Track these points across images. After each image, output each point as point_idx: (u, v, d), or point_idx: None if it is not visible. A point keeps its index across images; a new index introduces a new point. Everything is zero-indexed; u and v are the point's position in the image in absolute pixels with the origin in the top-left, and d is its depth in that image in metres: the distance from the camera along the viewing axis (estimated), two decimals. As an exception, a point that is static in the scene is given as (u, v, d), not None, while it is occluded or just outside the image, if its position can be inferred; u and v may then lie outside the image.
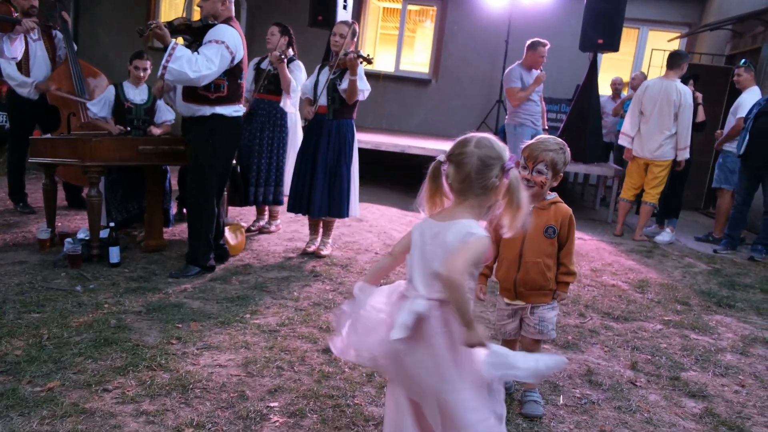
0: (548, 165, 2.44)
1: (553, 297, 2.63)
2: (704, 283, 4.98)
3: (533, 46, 6.32)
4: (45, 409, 2.30)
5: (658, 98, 6.16)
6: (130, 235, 4.86)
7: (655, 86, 6.24)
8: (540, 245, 2.53)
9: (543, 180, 2.45)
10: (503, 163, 1.82)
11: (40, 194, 4.75)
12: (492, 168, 1.81)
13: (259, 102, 5.24)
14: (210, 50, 3.75)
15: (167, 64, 3.61)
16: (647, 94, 6.26)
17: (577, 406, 2.74)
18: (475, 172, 1.80)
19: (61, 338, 2.92)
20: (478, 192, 1.82)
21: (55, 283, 3.67)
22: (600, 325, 3.80)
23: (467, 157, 1.81)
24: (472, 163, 1.80)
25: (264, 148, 5.22)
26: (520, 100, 6.36)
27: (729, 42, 9.29)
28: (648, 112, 6.21)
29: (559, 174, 2.48)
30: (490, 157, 1.81)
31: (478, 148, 1.82)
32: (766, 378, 3.23)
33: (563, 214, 2.52)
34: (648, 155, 6.26)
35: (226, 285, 3.92)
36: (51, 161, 4.38)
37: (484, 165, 1.80)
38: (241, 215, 5.80)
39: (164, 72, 3.63)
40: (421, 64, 10.87)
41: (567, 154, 2.50)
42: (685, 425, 2.65)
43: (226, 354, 2.92)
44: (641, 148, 6.32)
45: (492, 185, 1.82)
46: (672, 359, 3.35)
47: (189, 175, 4.01)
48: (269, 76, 5.17)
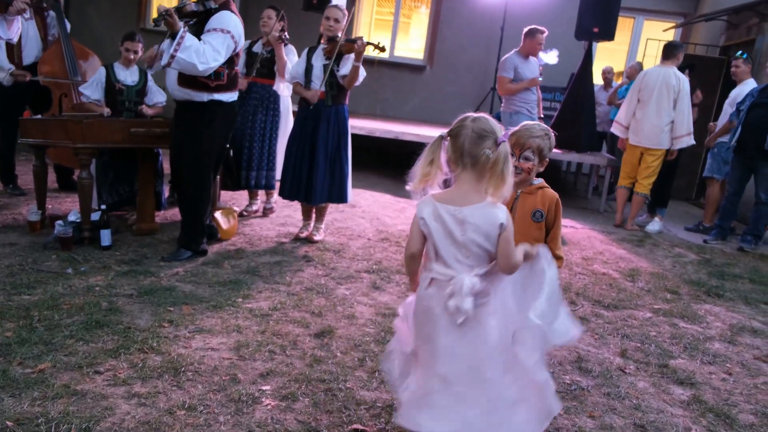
0: (534, 151, 2.48)
1: None
2: (694, 273, 5.02)
3: (531, 33, 6.25)
4: (36, 391, 2.30)
5: (656, 85, 6.18)
6: (122, 218, 4.84)
7: (654, 73, 6.27)
8: (528, 229, 2.52)
9: (530, 166, 2.49)
10: (496, 137, 1.93)
11: (30, 176, 4.72)
12: (484, 140, 1.93)
13: (253, 85, 5.20)
14: (216, 40, 3.72)
15: (176, 53, 3.57)
16: (645, 80, 6.27)
17: (566, 392, 2.77)
18: (468, 142, 1.94)
19: (52, 320, 2.91)
20: (469, 162, 1.94)
21: (45, 266, 3.65)
22: (591, 312, 3.82)
23: (463, 129, 1.97)
24: (466, 134, 1.95)
25: (257, 131, 5.20)
26: (508, 92, 6.30)
27: (724, 33, 9.29)
28: (646, 99, 6.23)
29: (545, 159, 2.51)
30: (484, 130, 1.94)
31: (473, 122, 1.97)
32: (753, 366, 3.27)
33: (550, 199, 2.54)
34: (645, 143, 6.28)
35: (218, 269, 3.92)
36: (42, 143, 4.34)
37: (478, 136, 1.93)
38: (234, 199, 5.78)
39: (171, 61, 3.59)
40: (416, 51, 10.81)
41: (552, 140, 2.53)
42: (672, 412, 2.68)
43: (218, 337, 2.92)
44: (637, 135, 6.33)
45: (484, 157, 1.92)
46: (661, 347, 3.39)
47: (184, 160, 3.96)
48: (262, 60, 5.13)
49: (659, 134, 6.22)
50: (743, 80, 6.50)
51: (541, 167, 2.53)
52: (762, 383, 3.07)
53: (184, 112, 3.95)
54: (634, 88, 6.40)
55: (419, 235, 2.02)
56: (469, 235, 1.93)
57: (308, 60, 4.58)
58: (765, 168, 5.84)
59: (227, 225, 4.60)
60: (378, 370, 2.75)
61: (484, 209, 1.93)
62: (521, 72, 6.24)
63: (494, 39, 9.84)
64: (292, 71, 4.69)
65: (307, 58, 4.60)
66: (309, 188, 4.58)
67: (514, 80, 6.24)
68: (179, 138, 3.99)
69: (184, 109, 3.95)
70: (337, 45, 4.42)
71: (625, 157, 6.58)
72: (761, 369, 3.25)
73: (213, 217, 4.49)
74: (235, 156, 5.17)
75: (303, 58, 4.64)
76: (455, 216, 1.94)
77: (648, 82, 6.25)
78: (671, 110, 6.16)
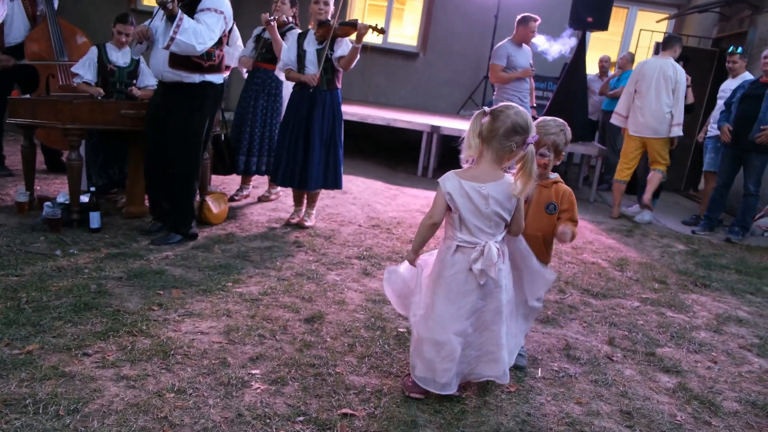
0: (550, 148, 2.60)
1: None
2: (682, 263, 5.06)
3: (524, 20, 6.23)
4: (24, 372, 2.28)
5: (654, 75, 6.18)
6: (111, 200, 4.80)
7: (651, 64, 6.28)
8: (540, 220, 2.65)
9: (546, 162, 2.62)
10: (527, 136, 2.25)
11: (18, 156, 4.66)
12: (517, 134, 2.24)
13: (257, 71, 5.17)
14: (211, 20, 3.72)
15: (175, 36, 3.57)
16: (642, 71, 6.27)
17: (554, 379, 2.79)
18: (504, 130, 2.24)
19: (40, 302, 2.89)
20: (496, 146, 2.27)
21: (34, 247, 3.62)
22: (579, 301, 3.85)
23: (505, 117, 2.25)
24: (506, 122, 2.24)
25: (258, 117, 5.16)
26: (500, 80, 6.29)
27: (716, 25, 9.31)
28: (644, 90, 6.22)
29: (561, 154, 2.64)
30: (520, 126, 2.24)
31: (516, 115, 2.25)
32: (738, 355, 3.31)
33: (563, 192, 2.67)
34: (647, 133, 6.27)
35: (209, 253, 3.90)
36: (30, 123, 4.28)
37: (513, 129, 2.24)
38: (224, 184, 5.75)
39: (171, 43, 3.60)
40: (409, 37, 10.75)
41: (567, 134, 2.64)
42: (658, 399, 2.71)
43: (207, 321, 2.92)
44: (637, 126, 6.32)
45: (509, 149, 2.26)
46: (648, 335, 3.42)
47: (173, 143, 3.91)
48: (266, 44, 5.08)
49: (659, 124, 6.21)
50: (739, 75, 6.50)
51: (557, 161, 2.65)
52: (746, 371, 3.11)
53: (171, 94, 3.90)
54: (632, 79, 6.40)
55: (443, 207, 2.33)
56: (492, 207, 2.29)
57: (299, 46, 4.53)
58: (754, 160, 5.87)
59: (218, 209, 4.58)
60: (368, 356, 2.76)
61: (503, 185, 2.29)
62: (514, 60, 6.22)
63: (488, 27, 9.81)
64: (284, 58, 4.60)
65: (298, 44, 4.54)
66: (304, 174, 4.55)
67: (507, 69, 6.23)
68: (166, 120, 3.92)
69: (172, 90, 3.89)
70: (330, 29, 4.38)
71: (625, 148, 6.53)
72: (746, 358, 3.29)
73: (203, 202, 4.47)
74: (236, 141, 5.13)
75: (293, 44, 4.57)
76: (479, 191, 2.28)
77: (645, 73, 6.25)
78: (670, 100, 6.18)
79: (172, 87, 3.89)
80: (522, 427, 2.34)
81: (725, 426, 2.55)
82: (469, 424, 2.31)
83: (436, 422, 2.30)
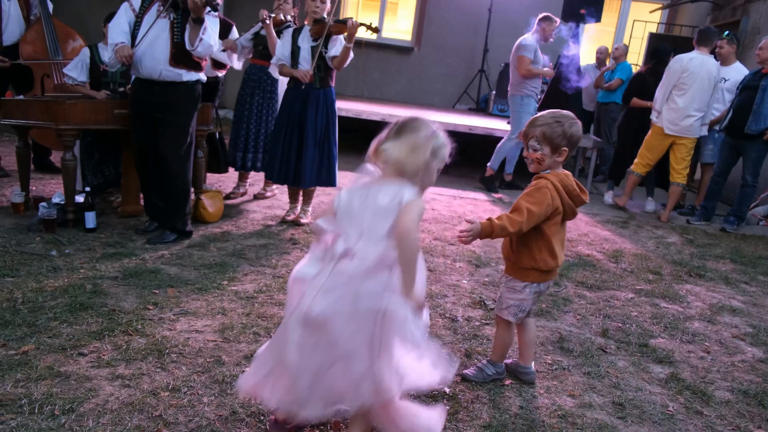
0: (540, 140, 2.39)
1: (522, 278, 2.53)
2: (676, 254, 5.08)
3: (549, 19, 6.46)
4: (19, 372, 2.30)
5: (699, 73, 5.96)
6: (107, 200, 4.81)
7: (697, 61, 5.99)
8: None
9: (538, 156, 2.41)
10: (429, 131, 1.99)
11: (13, 157, 4.67)
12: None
13: (253, 67, 5.19)
14: (214, 23, 3.95)
15: (203, 37, 3.81)
16: (688, 67, 5.98)
17: (548, 371, 2.81)
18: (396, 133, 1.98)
19: (35, 302, 2.90)
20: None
21: (29, 248, 3.63)
22: (573, 293, 3.87)
23: (394, 124, 2.01)
24: (394, 127, 2.00)
25: (254, 114, 5.18)
26: (528, 72, 6.39)
27: (709, 14, 9.31)
28: (688, 87, 5.99)
29: (560, 148, 2.39)
30: (421, 126, 1.99)
31: (405, 120, 2.01)
32: (731, 345, 3.33)
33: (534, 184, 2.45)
34: (681, 132, 6.10)
35: (204, 252, 3.91)
36: (24, 123, 4.28)
37: (413, 127, 1.98)
38: (220, 182, 5.76)
39: (198, 44, 3.81)
40: (403, 32, 10.75)
41: (566, 126, 2.38)
42: (651, 390, 2.73)
43: (202, 320, 2.93)
44: (672, 123, 6.10)
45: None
46: (642, 327, 3.44)
47: (169, 140, 3.93)
48: (263, 41, 5.08)
49: (696, 123, 6.07)
50: (729, 63, 6.40)
51: (558, 156, 2.41)
52: (739, 361, 3.13)
53: (165, 93, 3.90)
54: (673, 75, 6.09)
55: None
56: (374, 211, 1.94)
57: (294, 42, 4.53)
58: (752, 150, 5.88)
59: (213, 208, 4.59)
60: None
61: (394, 188, 1.93)
62: (538, 56, 6.43)
63: (482, 21, 9.80)
64: (278, 53, 4.60)
65: (292, 40, 4.54)
66: (298, 172, 4.57)
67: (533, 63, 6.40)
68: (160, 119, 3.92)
69: (166, 90, 3.90)
70: (325, 26, 4.37)
71: (652, 142, 6.30)
72: (739, 347, 3.32)
73: (199, 200, 4.48)
74: (232, 138, 5.15)
75: (288, 40, 4.57)
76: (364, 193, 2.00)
77: (692, 70, 5.97)
78: (710, 99, 6.06)
79: (167, 86, 3.90)
80: (514, 420, 2.36)
81: (717, 415, 2.57)
82: (461, 418, 2.33)
83: (429, 416, 2.31)
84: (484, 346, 2.97)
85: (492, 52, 9.82)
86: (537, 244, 2.46)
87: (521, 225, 2.35)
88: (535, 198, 2.39)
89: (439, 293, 3.60)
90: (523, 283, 2.52)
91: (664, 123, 6.15)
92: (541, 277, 2.51)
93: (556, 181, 2.42)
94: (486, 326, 3.22)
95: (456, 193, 6.60)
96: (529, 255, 2.48)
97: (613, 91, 8.02)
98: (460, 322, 3.24)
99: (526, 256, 2.49)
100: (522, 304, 2.54)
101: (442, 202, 6.08)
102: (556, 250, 2.47)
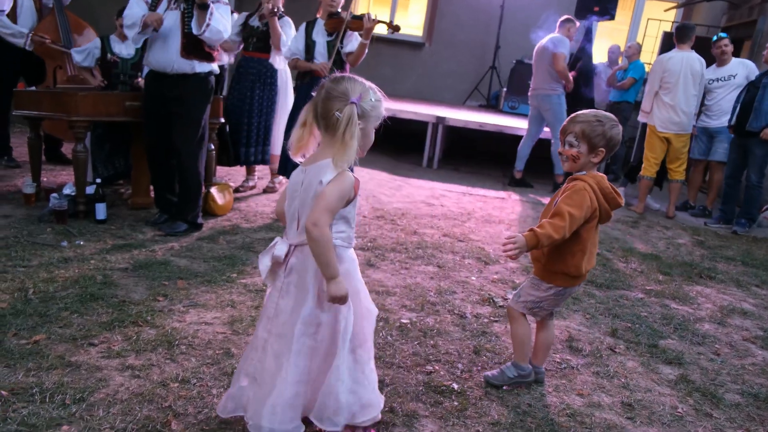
0: (578, 136, 2.32)
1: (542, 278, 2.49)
2: (687, 255, 5.05)
3: (572, 21, 6.72)
4: (30, 361, 2.32)
5: (681, 70, 6.04)
6: (117, 191, 4.83)
7: (676, 59, 6.09)
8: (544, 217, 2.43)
9: (574, 153, 2.34)
10: (348, 99, 1.83)
11: (25, 148, 4.70)
12: (333, 100, 1.83)
13: (249, 60, 5.16)
14: (224, 11, 3.91)
15: (210, 22, 3.77)
16: (668, 66, 6.10)
17: (556, 370, 2.80)
18: (321, 102, 1.86)
19: (46, 293, 2.92)
20: (321, 124, 1.87)
21: (40, 238, 3.65)
22: (583, 292, 3.85)
23: (320, 88, 1.90)
24: (320, 93, 1.88)
25: (254, 107, 5.16)
26: (564, 71, 6.56)
27: (725, 13, 9.22)
28: (671, 85, 6.08)
29: (597, 148, 2.31)
30: (335, 90, 1.85)
31: (331, 82, 1.89)
32: (741, 347, 3.31)
33: (570, 186, 2.38)
34: (674, 129, 6.16)
35: (214, 244, 3.92)
36: (36, 115, 4.31)
37: (327, 97, 1.85)
38: (229, 175, 5.77)
39: (206, 30, 3.78)
40: (415, 27, 10.71)
41: (607, 127, 2.31)
42: (660, 390, 2.72)
43: (212, 312, 2.94)
44: (664, 122, 6.19)
45: (334, 119, 1.82)
46: (651, 327, 3.42)
47: (181, 132, 3.94)
48: (258, 33, 5.07)
49: (687, 120, 6.15)
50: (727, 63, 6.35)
51: (594, 157, 2.33)
52: (750, 364, 3.11)
53: (178, 86, 3.91)
54: (655, 75, 6.22)
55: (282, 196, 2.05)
56: (301, 194, 1.90)
57: (308, 35, 4.52)
58: (756, 149, 5.83)
59: (223, 201, 4.60)
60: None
61: (319, 168, 1.85)
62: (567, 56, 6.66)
63: (494, 17, 9.76)
64: (292, 47, 4.60)
65: (306, 34, 4.53)
66: None
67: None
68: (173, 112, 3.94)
69: (178, 82, 3.91)
70: (342, 22, 4.35)
71: (651, 142, 6.37)
72: (749, 350, 3.29)
73: (209, 193, 4.49)
74: (233, 132, 5.14)
75: (301, 33, 4.56)
76: (299, 176, 1.92)
77: (671, 68, 6.07)
78: (698, 95, 6.13)
79: (178, 78, 3.91)
80: (522, 418, 2.36)
81: (726, 418, 2.55)
82: (469, 415, 2.33)
83: (437, 413, 2.31)
84: (492, 343, 2.97)
85: (503, 48, 9.78)
86: (572, 248, 2.37)
87: (565, 230, 2.27)
88: (575, 200, 2.31)
89: (447, 290, 3.60)
90: (549, 284, 2.47)
91: (655, 122, 6.29)
92: (568, 281, 2.44)
93: (593, 182, 2.35)
94: (495, 323, 3.22)
95: (465, 190, 6.59)
96: (561, 259, 2.40)
97: (626, 90, 7.97)
98: (468, 319, 3.23)
99: (557, 260, 2.41)
100: (541, 302, 2.49)
101: (451, 199, 6.07)
102: (588, 255, 2.42)
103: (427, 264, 4.02)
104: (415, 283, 3.63)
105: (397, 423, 2.22)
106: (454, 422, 2.27)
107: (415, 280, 3.69)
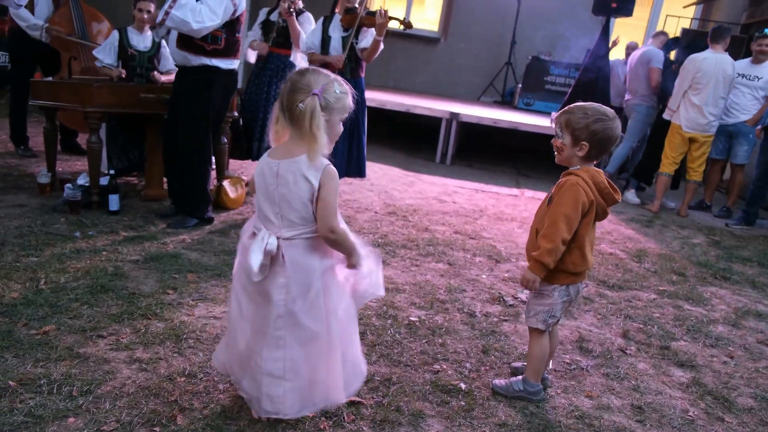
0: (562, 127, 2.29)
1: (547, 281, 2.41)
2: (702, 255, 4.98)
3: (665, 33, 7.35)
4: (39, 352, 2.33)
5: (713, 72, 5.96)
6: (130, 183, 4.85)
7: (710, 60, 6.00)
8: (539, 213, 2.42)
9: (559, 144, 2.31)
10: (311, 90, 1.84)
11: (41, 138, 4.73)
12: (297, 92, 1.85)
13: (270, 55, 5.16)
14: (214, 1, 3.65)
15: (170, 10, 3.55)
16: (702, 67, 6.00)
17: (565, 371, 2.77)
18: (286, 93, 1.88)
19: (57, 283, 2.94)
20: (287, 116, 1.89)
21: (54, 228, 3.68)
22: (595, 292, 3.81)
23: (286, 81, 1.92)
24: (286, 85, 1.90)
25: (270, 102, 5.16)
26: (658, 84, 6.73)
27: (746, 10, 9.07)
28: (702, 86, 5.99)
29: (580, 141, 2.25)
30: (299, 82, 1.87)
31: (295, 74, 1.92)
32: (756, 350, 3.26)
33: (563, 183, 2.31)
34: (699, 129, 6.10)
35: (224, 238, 3.93)
36: (52, 105, 4.33)
37: (292, 89, 1.87)
38: (242, 168, 5.77)
39: (166, 18, 3.58)
40: (430, 22, 10.65)
41: (591, 120, 2.23)
42: (671, 393, 2.68)
43: (221, 306, 2.94)
44: (690, 122, 6.13)
45: (298, 111, 1.84)
46: (664, 329, 3.38)
47: (182, 125, 3.93)
48: (279, 29, 5.06)
49: (713, 121, 6.09)
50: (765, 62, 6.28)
51: (579, 150, 2.27)
52: (763, 367, 3.06)
53: (182, 76, 3.92)
54: (687, 74, 6.11)
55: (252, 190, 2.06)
56: (280, 189, 1.89)
57: (324, 30, 4.51)
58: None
59: (235, 194, 4.60)
60: (378, 344, 2.76)
61: (296, 164, 1.87)
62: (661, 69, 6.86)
63: (510, 12, 9.67)
64: (307, 41, 4.60)
65: (323, 29, 4.53)
66: None
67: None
68: (175, 102, 3.95)
69: (182, 73, 3.92)
70: (357, 17, 4.34)
71: (673, 141, 6.31)
72: (764, 353, 3.24)
73: (221, 186, 4.49)
74: (247, 126, 5.14)
75: (318, 28, 4.57)
76: (272, 169, 1.91)
77: (705, 69, 5.97)
78: (726, 98, 6.09)
79: (182, 70, 3.92)
80: (530, 419, 2.34)
81: (738, 422, 2.51)
82: (476, 415, 2.31)
83: (444, 413, 2.30)
84: (501, 343, 2.94)
85: (519, 44, 9.70)
86: (568, 245, 2.31)
87: (562, 233, 2.24)
88: (568, 197, 2.26)
89: (457, 287, 3.57)
90: (552, 286, 2.39)
91: (681, 121, 6.21)
92: (570, 278, 2.38)
93: (587, 177, 2.29)
94: (504, 323, 3.19)
95: (478, 187, 6.55)
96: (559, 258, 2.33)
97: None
98: (478, 317, 3.21)
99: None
100: (552, 309, 2.40)
101: (464, 195, 6.04)
102: (586, 252, 2.36)
103: (438, 261, 3.99)
104: (425, 281, 3.62)
105: (403, 422, 2.21)
106: (460, 422, 2.25)
107: (425, 278, 3.67)
